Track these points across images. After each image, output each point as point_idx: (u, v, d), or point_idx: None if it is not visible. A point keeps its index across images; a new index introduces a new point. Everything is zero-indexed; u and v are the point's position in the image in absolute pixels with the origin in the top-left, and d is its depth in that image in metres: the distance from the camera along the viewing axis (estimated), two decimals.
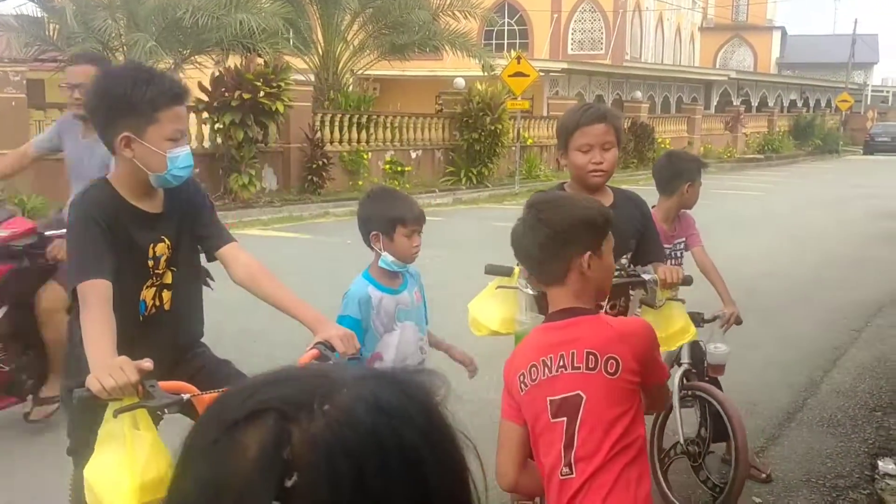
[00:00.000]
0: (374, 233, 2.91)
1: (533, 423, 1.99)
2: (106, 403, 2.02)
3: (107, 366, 2.01)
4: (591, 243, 2.02)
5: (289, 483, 0.57)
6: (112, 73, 2.64)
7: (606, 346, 1.93)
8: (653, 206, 3.70)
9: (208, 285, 3.11)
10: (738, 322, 3.82)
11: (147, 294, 2.43)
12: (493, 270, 3.05)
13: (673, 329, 2.95)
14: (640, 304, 3.00)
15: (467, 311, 3.13)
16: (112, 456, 2.01)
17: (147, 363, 2.00)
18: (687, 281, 3.05)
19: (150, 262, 2.43)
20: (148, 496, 2.00)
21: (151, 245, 2.42)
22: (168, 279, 2.48)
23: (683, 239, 4.04)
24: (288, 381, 0.65)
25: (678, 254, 4.00)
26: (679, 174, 3.98)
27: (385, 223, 2.88)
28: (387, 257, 2.92)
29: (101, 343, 2.16)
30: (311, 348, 2.30)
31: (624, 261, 3.03)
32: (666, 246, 3.57)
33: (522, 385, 1.99)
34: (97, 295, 2.22)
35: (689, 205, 4.08)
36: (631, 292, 3.01)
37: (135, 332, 2.38)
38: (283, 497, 0.57)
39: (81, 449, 2.18)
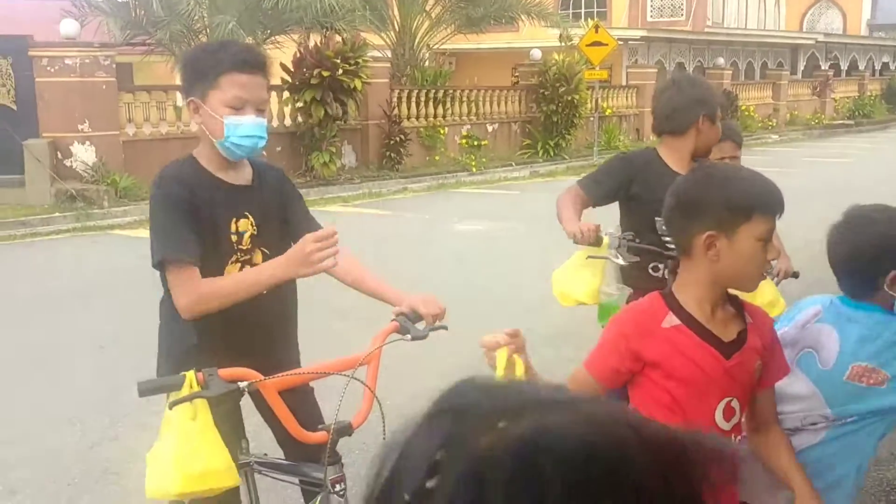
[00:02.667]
0: None
1: None
2: (169, 391, 2.08)
3: (302, 254, 2.20)
4: (720, 223, 1.81)
5: (429, 484, 0.58)
6: (198, 45, 2.72)
7: None
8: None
9: None
10: (794, 275, 3.57)
11: (232, 269, 2.39)
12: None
13: (760, 301, 2.91)
14: None
15: (551, 281, 3.13)
16: (165, 445, 2.07)
17: None
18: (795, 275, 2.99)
19: (234, 238, 2.39)
20: (190, 487, 2.05)
21: (234, 220, 2.39)
22: (258, 259, 2.44)
23: None
24: (494, 390, 0.64)
25: None
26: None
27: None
28: None
29: (243, 281, 2.31)
30: (392, 321, 2.31)
31: None
32: None
33: None
34: (194, 276, 2.27)
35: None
36: None
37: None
38: (419, 494, 0.58)
39: None
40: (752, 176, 1.90)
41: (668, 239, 3.00)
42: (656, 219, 3.01)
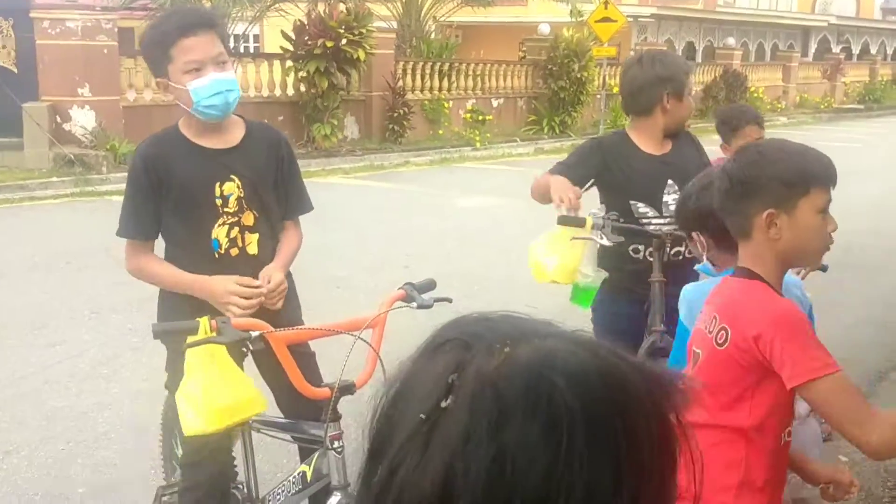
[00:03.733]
0: None
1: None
2: (184, 335, 2.14)
3: (219, 296, 2.35)
4: (778, 199, 1.76)
5: (444, 404, 0.63)
6: (149, 25, 2.71)
7: (726, 313, 1.79)
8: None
9: None
10: (822, 268, 3.46)
11: (219, 232, 2.45)
12: (566, 221, 2.97)
13: None
14: None
15: (528, 252, 3.02)
16: (193, 384, 2.14)
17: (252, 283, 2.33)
18: (824, 268, 2.90)
19: (219, 202, 2.44)
20: (224, 422, 2.14)
21: (217, 183, 2.43)
22: (249, 221, 2.48)
23: None
24: (493, 322, 0.70)
25: None
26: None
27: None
28: None
29: (174, 277, 2.46)
30: (399, 289, 2.36)
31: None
32: None
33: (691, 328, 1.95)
34: (145, 252, 2.51)
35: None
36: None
37: (211, 270, 2.44)
38: (435, 415, 0.63)
39: (175, 381, 2.31)
40: (803, 150, 1.85)
41: (645, 221, 2.95)
42: (630, 201, 2.95)
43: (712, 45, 29.21)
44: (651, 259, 2.92)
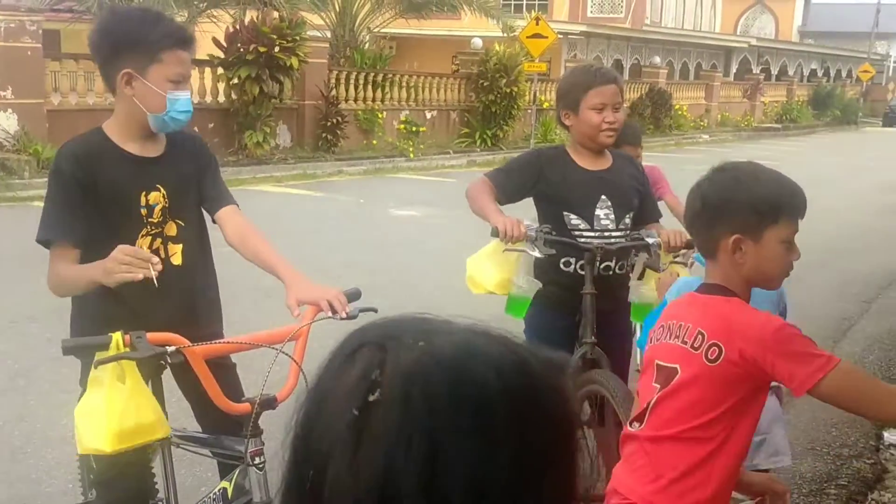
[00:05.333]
0: None
1: (640, 378, 1.96)
2: (95, 350, 2.06)
3: (110, 261, 2.10)
4: (746, 226, 1.81)
5: (371, 398, 0.66)
6: (120, 11, 2.64)
7: (716, 330, 1.79)
8: None
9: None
10: None
11: (143, 243, 2.37)
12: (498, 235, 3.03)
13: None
14: (643, 267, 3.00)
15: (466, 266, 3.13)
16: (96, 401, 2.07)
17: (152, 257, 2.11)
18: (691, 244, 3.05)
19: (143, 211, 2.38)
20: (123, 444, 2.05)
21: (143, 193, 2.37)
22: (172, 231, 2.42)
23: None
24: (398, 322, 0.73)
25: None
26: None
27: None
28: None
29: (83, 269, 2.26)
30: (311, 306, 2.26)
31: (628, 220, 3.07)
32: None
33: (652, 340, 1.95)
34: (66, 260, 2.30)
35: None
36: (635, 256, 3.02)
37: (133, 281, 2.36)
38: (365, 408, 0.66)
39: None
40: (777, 179, 1.89)
41: (577, 233, 3.02)
42: (564, 212, 3.02)
43: (639, 62, 29.95)
44: (582, 272, 2.98)
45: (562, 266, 3.04)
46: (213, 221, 2.58)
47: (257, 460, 2.15)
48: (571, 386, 0.75)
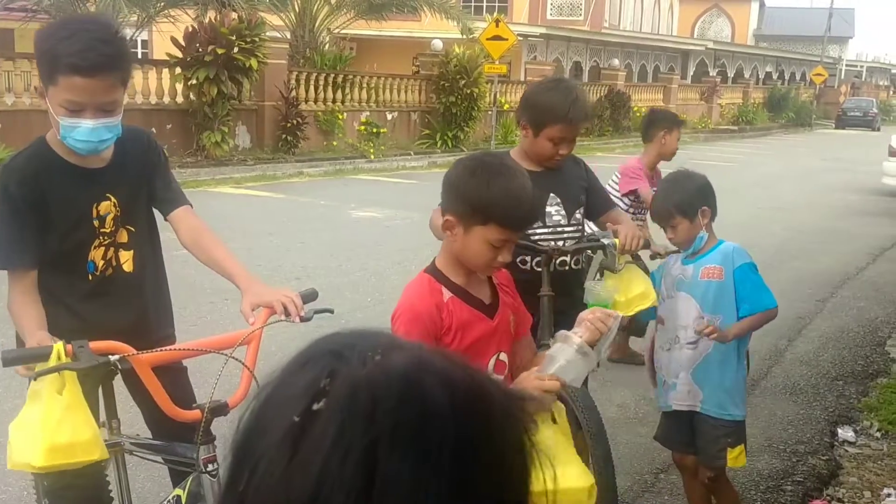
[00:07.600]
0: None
1: None
2: (36, 361, 1.99)
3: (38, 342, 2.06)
4: (461, 214, 1.96)
5: (315, 407, 0.64)
6: (59, 20, 2.53)
7: None
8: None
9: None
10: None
11: (96, 254, 2.33)
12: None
13: (632, 294, 2.95)
14: (600, 267, 3.01)
15: None
16: (32, 414, 1.99)
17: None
18: (647, 245, 3.10)
19: (96, 223, 2.32)
20: (54, 460, 1.96)
21: (94, 204, 2.31)
22: (123, 238, 2.38)
23: None
24: (365, 335, 0.72)
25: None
26: (655, 122, 4.99)
27: None
28: None
29: (27, 321, 2.20)
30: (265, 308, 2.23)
31: (578, 215, 3.11)
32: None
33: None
34: (24, 283, 2.25)
35: (668, 154, 4.93)
36: (591, 256, 3.05)
37: (86, 291, 2.33)
38: (307, 417, 0.64)
39: None
40: (506, 187, 1.95)
41: (530, 231, 3.04)
42: None
43: (598, 65, 30.22)
44: (538, 269, 2.99)
45: (518, 264, 3.05)
46: (165, 219, 2.52)
47: (210, 467, 2.11)
48: (532, 418, 0.71)
